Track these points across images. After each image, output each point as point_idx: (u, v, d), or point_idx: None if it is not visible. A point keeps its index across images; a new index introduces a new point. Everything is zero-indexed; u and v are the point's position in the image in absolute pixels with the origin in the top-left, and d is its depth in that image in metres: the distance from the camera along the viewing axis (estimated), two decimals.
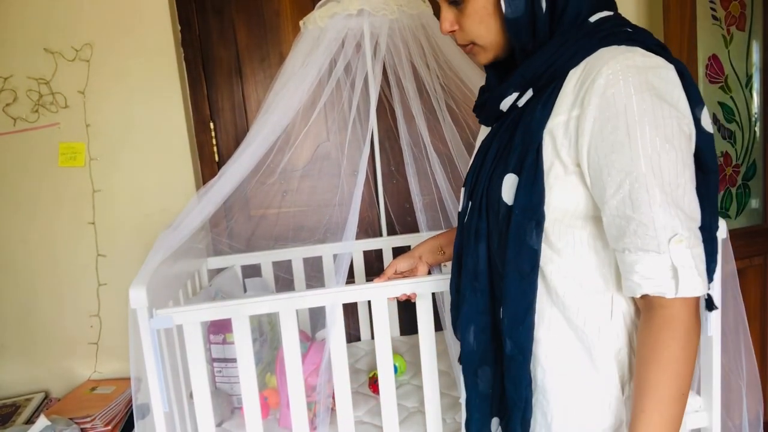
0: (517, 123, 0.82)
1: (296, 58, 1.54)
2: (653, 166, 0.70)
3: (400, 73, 1.65)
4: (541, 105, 0.78)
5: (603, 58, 0.73)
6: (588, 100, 0.72)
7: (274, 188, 1.97)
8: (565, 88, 0.76)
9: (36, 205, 1.91)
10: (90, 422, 1.69)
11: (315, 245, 1.86)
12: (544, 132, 0.77)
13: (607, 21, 0.79)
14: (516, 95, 0.82)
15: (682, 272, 0.70)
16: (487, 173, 0.85)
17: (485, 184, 0.85)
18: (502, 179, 0.81)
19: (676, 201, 0.71)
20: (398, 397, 1.49)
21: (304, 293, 1.26)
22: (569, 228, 0.80)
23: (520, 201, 0.78)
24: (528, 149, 0.77)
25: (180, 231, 1.39)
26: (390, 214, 1.97)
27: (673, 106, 0.72)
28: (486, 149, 0.88)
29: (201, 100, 2.00)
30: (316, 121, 1.75)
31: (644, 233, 0.71)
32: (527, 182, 0.77)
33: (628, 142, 0.71)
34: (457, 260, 0.95)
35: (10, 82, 1.84)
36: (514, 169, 0.79)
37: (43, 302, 1.95)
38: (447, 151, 1.62)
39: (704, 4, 1.92)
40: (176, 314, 1.21)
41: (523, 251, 0.79)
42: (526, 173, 0.77)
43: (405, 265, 1.26)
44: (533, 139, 0.77)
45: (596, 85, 0.72)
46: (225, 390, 1.57)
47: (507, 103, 0.84)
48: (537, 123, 0.77)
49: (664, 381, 0.72)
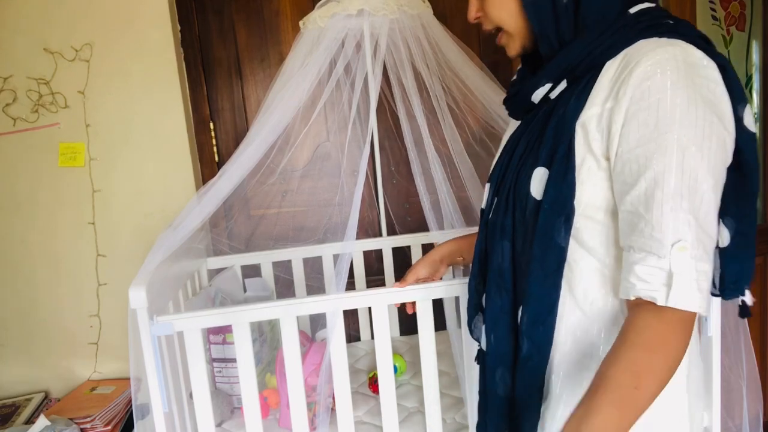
0: (549, 115, 0.79)
1: (296, 58, 1.54)
2: (675, 166, 0.66)
3: (400, 73, 1.65)
4: (575, 97, 0.75)
5: (642, 49, 0.70)
6: (623, 91, 0.70)
7: (274, 188, 1.97)
8: (601, 80, 0.74)
9: (36, 205, 1.91)
10: (90, 422, 1.69)
11: (315, 245, 1.86)
12: (576, 124, 0.74)
13: (647, 12, 0.75)
14: (549, 86, 0.79)
15: (678, 280, 0.66)
16: (515, 167, 0.82)
17: (513, 179, 0.82)
18: (531, 173, 0.78)
19: (692, 208, 0.67)
20: (398, 397, 1.49)
21: (304, 300, 1.26)
22: (600, 225, 0.76)
23: (550, 195, 0.75)
24: (559, 142, 0.75)
25: (180, 231, 1.39)
26: (390, 214, 1.97)
27: (711, 107, 0.68)
28: (515, 143, 0.85)
29: (201, 100, 2.00)
30: (316, 121, 1.75)
31: (650, 233, 0.68)
32: (557, 176, 0.74)
33: (655, 137, 0.67)
34: (480, 258, 0.92)
35: (10, 82, 1.84)
36: (544, 162, 0.76)
37: (43, 302, 1.95)
38: (447, 151, 1.62)
39: (704, 4, 1.92)
40: (177, 321, 1.21)
41: (550, 248, 0.76)
42: (556, 166, 0.74)
43: (425, 271, 1.23)
44: (565, 131, 0.74)
45: (633, 77, 0.69)
46: (225, 390, 1.57)
47: (539, 95, 0.81)
48: (570, 115, 0.74)
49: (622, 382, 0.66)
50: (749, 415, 1.37)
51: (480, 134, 1.75)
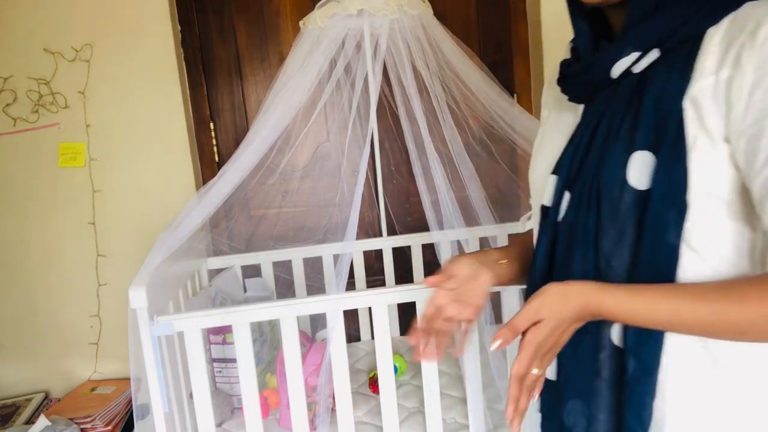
0: (641, 91, 0.67)
1: (296, 58, 1.55)
2: None
3: (400, 74, 1.66)
4: (677, 69, 0.64)
5: (755, 13, 0.61)
6: (747, 56, 0.60)
7: (274, 188, 1.98)
8: (706, 49, 0.63)
9: (36, 205, 1.91)
10: (90, 422, 1.69)
11: (315, 245, 1.86)
12: (685, 100, 0.63)
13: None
14: (635, 56, 0.67)
15: None
16: (597, 154, 0.69)
17: (595, 168, 0.69)
18: (623, 159, 0.66)
19: None
20: (398, 397, 1.49)
21: (304, 300, 1.26)
22: (713, 222, 0.64)
23: (660, 184, 0.63)
24: (666, 121, 0.63)
25: (180, 231, 1.39)
26: (390, 214, 1.97)
27: None
28: (591, 126, 0.72)
29: (201, 100, 2.00)
30: (316, 121, 1.75)
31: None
32: (668, 161, 0.63)
33: None
34: (545, 266, 0.77)
35: (10, 82, 1.84)
36: (646, 145, 0.64)
37: (43, 302, 1.95)
38: (447, 151, 1.62)
39: None
40: (177, 321, 1.21)
41: (661, 249, 0.64)
42: (666, 151, 0.63)
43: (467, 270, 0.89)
44: (672, 108, 0.63)
45: (756, 40, 0.59)
46: (225, 390, 1.57)
47: (621, 67, 0.68)
48: (675, 89, 0.64)
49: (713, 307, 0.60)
50: None
51: (480, 134, 1.75)
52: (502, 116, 1.64)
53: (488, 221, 1.58)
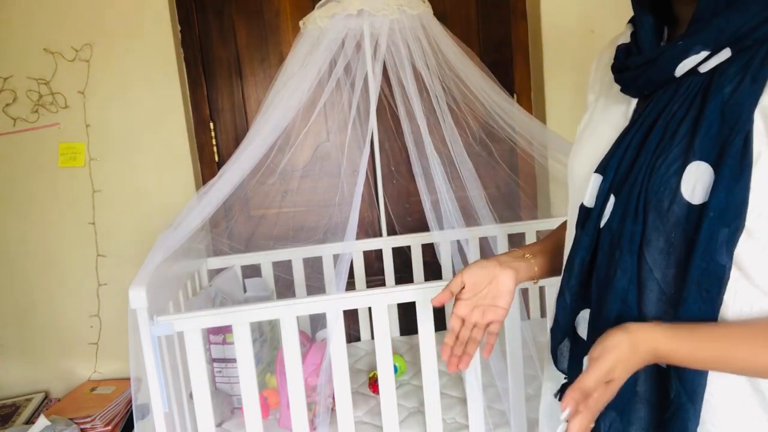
0: (705, 94, 0.61)
1: (296, 58, 1.55)
2: None
3: (400, 74, 1.66)
4: (751, 74, 0.58)
5: None
6: None
7: (274, 188, 1.97)
8: None
9: (36, 205, 1.91)
10: (90, 422, 1.69)
11: (315, 245, 1.86)
12: (756, 112, 0.57)
13: None
14: (705, 55, 0.61)
15: None
16: (649, 159, 0.64)
17: (646, 174, 0.64)
18: (676, 168, 0.61)
19: None
20: (398, 397, 1.49)
21: (304, 300, 1.27)
22: (767, 245, 0.59)
23: (719, 200, 0.57)
24: (733, 132, 0.58)
25: (180, 231, 1.39)
26: (390, 214, 1.97)
27: None
28: (646, 126, 0.66)
29: (201, 100, 2.00)
30: (316, 121, 1.75)
31: None
32: (730, 176, 0.57)
33: None
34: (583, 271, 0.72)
35: (10, 82, 1.84)
36: (704, 156, 0.59)
37: (43, 302, 1.95)
38: (447, 151, 1.62)
39: None
40: (177, 321, 1.21)
41: (711, 270, 0.59)
42: (729, 165, 0.57)
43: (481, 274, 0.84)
44: (740, 119, 0.58)
45: None
46: (225, 390, 1.57)
47: (688, 65, 0.62)
48: (745, 97, 0.58)
49: (749, 344, 0.58)
50: None
51: (480, 134, 1.75)
52: (502, 116, 1.64)
53: (488, 221, 1.58)
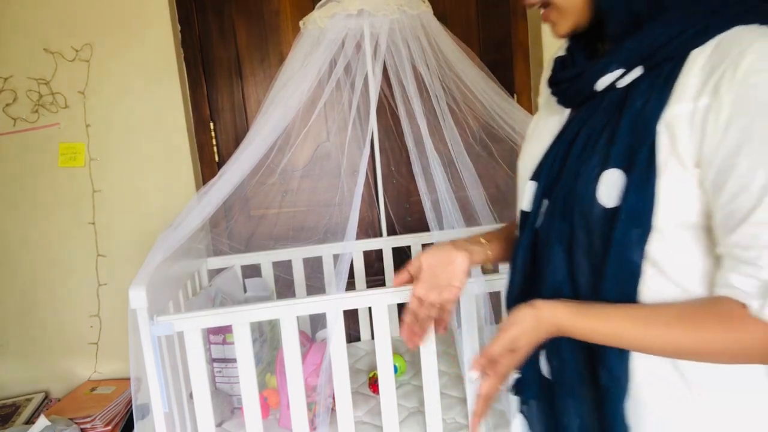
0: (621, 108, 0.67)
1: (296, 58, 1.54)
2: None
3: (401, 74, 1.65)
4: (657, 90, 0.64)
5: (742, 39, 0.60)
6: (726, 87, 0.59)
7: (274, 188, 1.97)
8: (689, 71, 0.63)
9: (36, 205, 1.91)
10: (90, 422, 1.69)
11: (315, 245, 1.86)
12: (660, 123, 0.63)
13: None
14: (620, 72, 0.67)
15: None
16: (575, 167, 0.70)
17: (571, 179, 0.70)
18: (596, 174, 0.67)
19: None
20: (398, 397, 1.49)
21: (304, 300, 1.26)
22: (677, 243, 0.66)
23: (629, 204, 0.64)
24: (640, 142, 0.64)
25: (180, 231, 1.39)
26: (390, 214, 1.97)
27: None
28: (571, 137, 0.73)
29: (201, 100, 2.00)
30: (316, 121, 1.75)
31: (746, 245, 0.60)
32: (639, 182, 0.63)
33: (761, 144, 0.58)
34: (525, 269, 0.79)
35: (10, 82, 1.84)
36: (618, 163, 0.65)
37: (43, 302, 1.95)
38: (447, 151, 1.62)
39: None
40: (177, 321, 1.21)
41: (624, 266, 0.66)
42: (637, 171, 0.63)
43: (438, 256, 0.90)
44: (647, 130, 0.64)
45: (738, 72, 0.58)
46: (225, 390, 1.57)
47: (606, 82, 0.69)
48: (651, 111, 0.64)
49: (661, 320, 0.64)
50: None
51: (480, 134, 1.75)
52: (502, 116, 1.64)
53: (488, 221, 1.58)
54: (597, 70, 0.69)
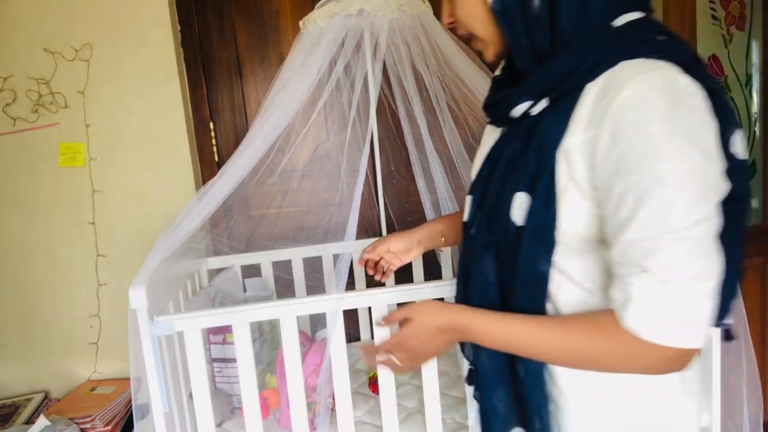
0: (532, 134, 0.75)
1: (296, 58, 1.54)
2: (654, 204, 0.64)
3: (400, 74, 1.65)
4: (557, 121, 0.72)
5: (624, 74, 0.66)
6: (604, 121, 0.66)
7: (274, 188, 1.97)
8: (582, 104, 0.70)
9: (36, 205, 1.91)
10: (90, 422, 1.69)
11: (315, 245, 1.86)
12: (558, 152, 0.71)
13: (636, 27, 0.70)
14: (529, 104, 0.76)
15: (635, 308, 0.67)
16: (498, 185, 0.79)
17: (495, 197, 0.79)
18: (510, 196, 0.75)
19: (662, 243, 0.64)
20: (398, 397, 1.49)
21: (304, 300, 1.26)
22: (581, 253, 0.75)
23: (532, 224, 0.73)
24: (542, 169, 0.72)
25: (180, 231, 1.39)
26: (390, 214, 1.97)
27: (694, 139, 0.64)
28: (496, 157, 0.82)
29: (201, 100, 2.00)
30: (316, 121, 1.75)
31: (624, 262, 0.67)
32: (540, 205, 0.72)
33: (631, 174, 0.65)
34: (464, 275, 0.88)
35: (10, 82, 1.84)
36: (525, 187, 0.73)
37: (43, 302, 1.95)
38: (447, 151, 1.62)
39: (704, 4, 1.92)
40: (177, 321, 1.21)
41: (532, 276, 0.75)
42: (539, 195, 0.72)
43: (400, 245, 1.24)
44: (547, 158, 0.71)
45: (613, 106, 0.65)
46: (225, 390, 1.57)
47: (519, 111, 0.77)
48: (552, 141, 0.71)
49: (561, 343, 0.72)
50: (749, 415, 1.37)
51: (480, 134, 1.75)
52: None
53: None
54: (511, 100, 0.78)
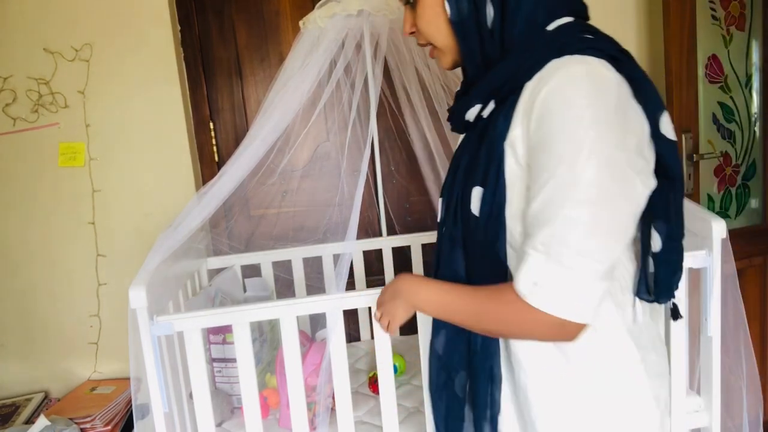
0: (484, 134, 0.82)
1: (296, 58, 1.54)
2: (561, 183, 0.70)
3: (401, 74, 1.65)
4: (502, 117, 0.78)
5: (552, 69, 0.73)
6: (534, 109, 0.73)
7: (274, 188, 1.98)
8: (521, 101, 0.76)
9: (36, 205, 1.91)
10: (90, 422, 1.69)
11: (315, 245, 1.86)
12: (505, 144, 0.78)
13: (565, 29, 0.78)
14: (480, 107, 0.83)
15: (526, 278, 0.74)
16: (460, 186, 0.86)
17: (459, 195, 0.86)
18: (470, 191, 0.83)
19: (564, 222, 0.70)
20: (398, 397, 1.49)
21: (304, 300, 1.26)
22: None
23: (485, 211, 0.80)
24: (491, 162, 0.79)
25: (180, 231, 1.39)
26: (390, 214, 1.97)
27: (608, 123, 0.70)
28: (458, 161, 0.90)
29: (201, 100, 2.00)
30: (316, 121, 1.75)
31: (531, 238, 0.74)
32: (491, 193, 0.79)
33: (547, 156, 0.71)
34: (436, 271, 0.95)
35: (10, 82, 1.84)
36: (479, 182, 0.81)
37: (42, 302, 1.95)
38: (449, 151, 1.62)
39: (704, 4, 1.92)
40: (177, 321, 1.21)
41: (492, 260, 0.82)
42: (489, 185, 0.79)
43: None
44: (495, 151, 0.78)
45: (539, 97, 0.72)
46: (225, 390, 1.57)
47: (472, 114, 0.85)
48: (498, 136, 0.78)
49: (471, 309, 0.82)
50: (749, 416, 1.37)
51: None
52: None
53: None
54: (464, 105, 0.86)
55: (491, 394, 0.87)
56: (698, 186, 1.94)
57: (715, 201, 2.04)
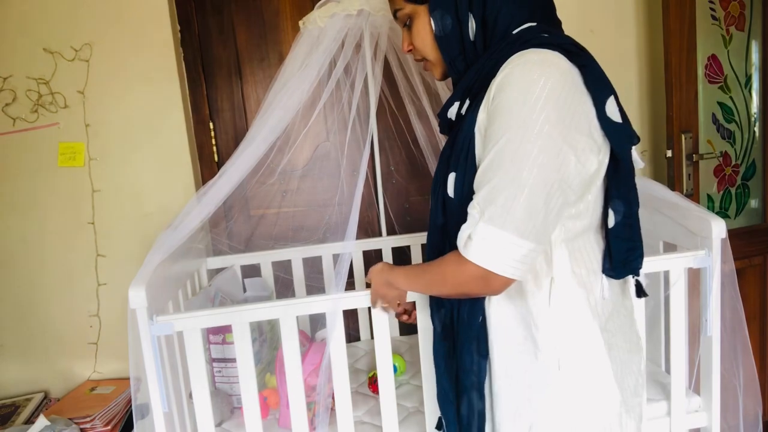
0: (461, 128, 0.91)
1: (296, 58, 1.54)
2: (499, 153, 0.80)
3: (401, 73, 1.65)
4: (475, 110, 0.88)
5: (510, 60, 0.83)
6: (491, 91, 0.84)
7: (273, 188, 1.98)
8: (489, 92, 0.85)
9: (35, 205, 1.91)
10: (90, 422, 1.69)
11: (315, 245, 1.86)
12: (474, 130, 0.87)
13: (527, 31, 0.88)
14: (458, 104, 0.95)
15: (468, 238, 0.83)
16: (442, 176, 0.95)
17: (439, 185, 0.96)
18: (447, 178, 0.92)
19: (494, 188, 0.80)
20: (398, 397, 1.49)
21: (304, 300, 1.26)
22: None
23: (458, 193, 0.89)
24: (463, 148, 0.88)
25: (179, 231, 1.39)
26: (390, 214, 1.97)
27: (551, 103, 0.78)
28: (441, 156, 0.99)
29: (200, 100, 2.00)
30: (316, 121, 1.75)
31: (473, 202, 0.83)
32: (461, 175, 0.88)
33: (492, 132, 0.82)
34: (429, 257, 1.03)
35: (10, 82, 1.84)
36: (454, 168, 0.91)
37: (42, 302, 1.95)
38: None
39: (704, 4, 1.92)
40: (176, 321, 1.21)
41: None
42: (460, 168, 0.89)
43: None
44: (466, 137, 0.88)
45: (496, 82, 0.83)
46: (225, 390, 1.57)
47: (452, 112, 0.96)
48: (471, 123, 0.88)
49: (425, 277, 0.96)
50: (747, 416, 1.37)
51: None
52: None
53: None
54: (446, 104, 0.98)
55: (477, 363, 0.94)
56: (698, 186, 1.94)
57: (714, 201, 2.05)
